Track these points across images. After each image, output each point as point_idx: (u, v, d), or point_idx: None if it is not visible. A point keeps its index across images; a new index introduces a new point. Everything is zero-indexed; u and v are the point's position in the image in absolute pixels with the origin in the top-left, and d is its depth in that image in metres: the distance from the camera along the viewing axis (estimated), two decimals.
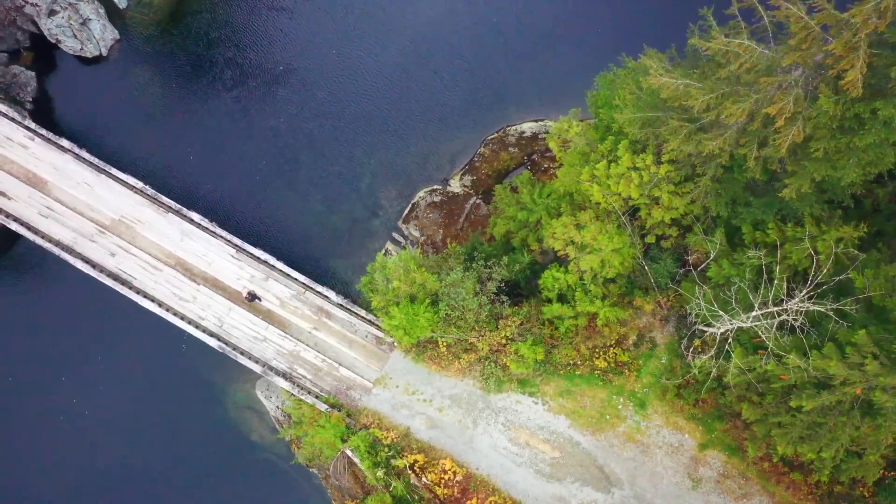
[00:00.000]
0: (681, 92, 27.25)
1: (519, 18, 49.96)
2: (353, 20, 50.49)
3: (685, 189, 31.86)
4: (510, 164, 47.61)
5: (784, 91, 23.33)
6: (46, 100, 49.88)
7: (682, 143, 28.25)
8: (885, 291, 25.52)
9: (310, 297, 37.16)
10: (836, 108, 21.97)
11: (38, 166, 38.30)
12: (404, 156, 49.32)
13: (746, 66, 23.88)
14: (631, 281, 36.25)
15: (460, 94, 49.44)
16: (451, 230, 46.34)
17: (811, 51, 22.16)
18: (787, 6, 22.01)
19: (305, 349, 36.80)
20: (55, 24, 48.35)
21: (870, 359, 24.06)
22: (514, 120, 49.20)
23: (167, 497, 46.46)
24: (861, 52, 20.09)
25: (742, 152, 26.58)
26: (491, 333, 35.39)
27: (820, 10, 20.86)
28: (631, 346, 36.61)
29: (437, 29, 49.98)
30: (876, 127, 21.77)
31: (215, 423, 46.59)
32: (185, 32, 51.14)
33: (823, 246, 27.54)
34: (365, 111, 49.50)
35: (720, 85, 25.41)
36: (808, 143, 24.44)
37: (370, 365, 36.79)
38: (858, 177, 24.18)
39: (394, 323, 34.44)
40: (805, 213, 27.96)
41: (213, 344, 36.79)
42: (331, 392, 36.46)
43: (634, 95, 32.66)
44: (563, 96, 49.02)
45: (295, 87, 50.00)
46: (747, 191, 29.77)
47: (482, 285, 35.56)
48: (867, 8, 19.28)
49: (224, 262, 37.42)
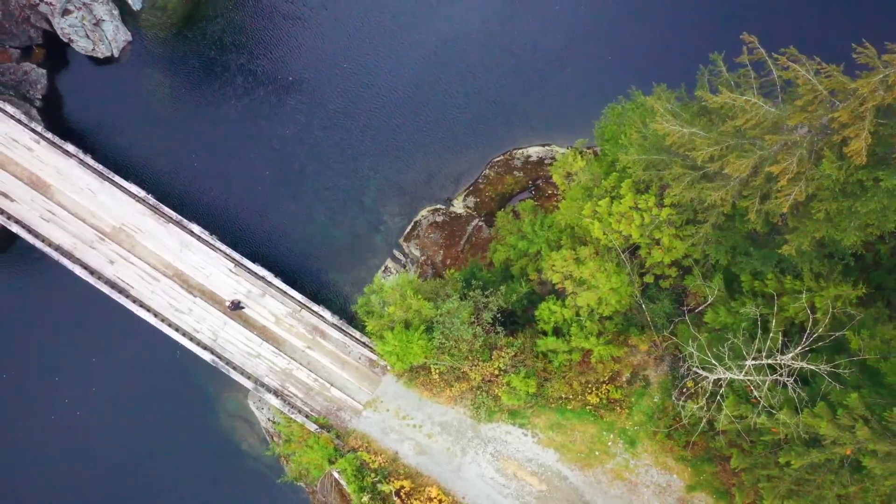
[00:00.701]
0: (686, 140, 27.13)
1: (533, 41, 49.79)
2: (367, 34, 50.38)
3: (686, 232, 31.69)
4: (514, 187, 47.47)
5: (788, 150, 23.16)
6: (55, 98, 50.00)
7: (685, 189, 28.11)
8: (881, 354, 25.32)
9: (305, 315, 37.12)
10: (839, 172, 21.81)
11: (42, 169, 38.36)
12: (409, 172, 49.26)
13: (752, 122, 23.72)
14: (628, 318, 36.11)
15: (469, 113, 49.34)
16: (451, 251, 46.24)
17: (817, 113, 22.00)
18: (796, 68, 21.84)
19: (298, 368, 36.76)
20: (68, 24, 48.45)
21: (860, 423, 23.88)
22: (521, 143, 49.06)
23: (153, 500, 46.60)
24: (867, 122, 19.93)
25: (744, 205, 26.43)
26: (484, 364, 35.29)
27: (828, 76, 20.67)
28: (624, 383, 36.47)
29: (450, 48, 49.87)
30: (878, 195, 21.59)
31: (206, 430, 46.66)
32: (198, 37, 51.17)
33: (821, 302, 27.36)
34: (373, 125, 49.45)
35: (725, 138, 25.25)
36: (810, 203, 24.28)
37: (362, 387, 36.73)
38: (859, 239, 23.99)
39: (387, 348, 34.38)
40: (804, 267, 27.76)
41: (206, 357, 36.79)
42: (321, 412, 36.41)
43: (640, 135, 32.54)
44: (572, 122, 49.00)
45: (305, 97, 49.94)
46: (748, 240, 29.60)
47: (478, 315, 35.46)
48: (874, 80, 19.12)
49: (222, 276, 37.41)
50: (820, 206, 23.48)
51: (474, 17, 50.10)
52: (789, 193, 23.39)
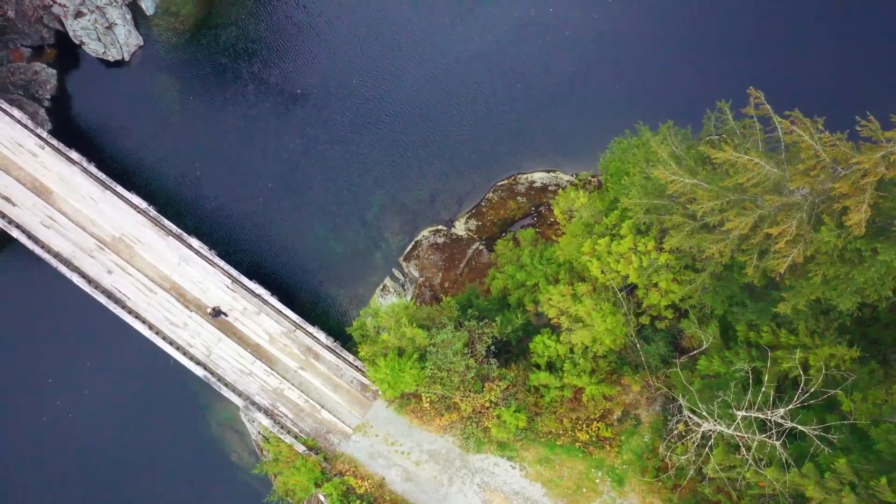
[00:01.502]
0: (687, 189, 27.01)
1: (545, 64, 49.61)
2: (381, 51, 50.23)
3: (684, 277, 31.54)
4: (517, 213, 47.33)
5: (788, 212, 23.01)
6: (64, 99, 50.14)
7: (684, 239, 27.99)
8: (872, 418, 25.12)
9: (300, 335, 37.09)
10: (837, 240, 21.64)
11: (45, 175, 38.44)
12: (413, 190, 49.19)
13: (754, 180, 23.57)
14: (622, 357, 35.97)
15: (475, 134, 49.20)
16: (450, 274, 46.16)
17: (819, 178, 21.84)
18: (799, 133, 21.68)
19: (290, 388, 36.73)
20: (80, 26, 48.57)
21: (847, 489, 23.70)
22: (526, 168, 48.93)
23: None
24: (867, 196, 19.77)
25: (742, 259, 26.29)
26: (475, 395, 35.20)
27: (832, 146, 20.51)
28: (615, 421, 36.33)
29: (461, 67, 49.74)
30: (876, 265, 21.42)
31: (196, 439, 46.75)
32: (210, 44, 51.19)
33: (815, 360, 27.17)
34: (380, 141, 49.38)
35: (726, 192, 25.11)
36: (807, 264, 24.12)
37: (352, 411, 36.69)
38: (855, 304, 23.82)
39: (379, 375, 34.33)
40: (799, 324, 27.59)
41: (198, 373, 36.80)
42: (310, 434, 36.38)
43: (643, 176, 32.43)
44: (578, 149, 48.90)
45: (314, 110, 49.88)
46: (745, 291, 29.43)
47: (472, 346, 35.37)
48: (876, 156, 18.95)
49: (219, 292, 37.41)
50: (817, 270, 23.31)
51: (488, 38, 49.98)
52: (787, 255, 23.23)
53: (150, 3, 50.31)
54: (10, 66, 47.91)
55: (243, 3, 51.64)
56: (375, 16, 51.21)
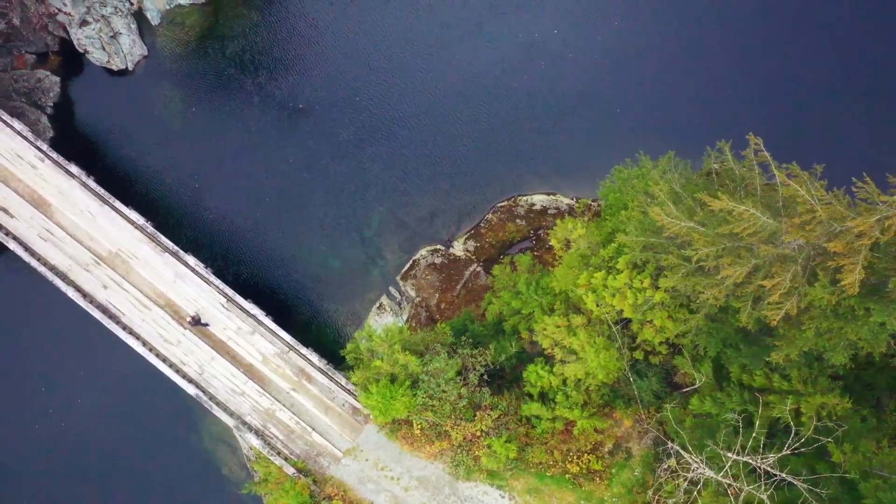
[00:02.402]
0: (683, 233, 26.91)
1: (548, 87, 49.45)
2: (386, 67, 50.06)
3: (679, 315, 31.43)
4: (516, 235, 47.22)
5: (783, 265, 22.89)
6: (67, 107, 50.19)
7: (680, 280, 27.87)
8: (862, 471, 24.99)
9: (293, 357, 37.05)
10: (831, 297, 21.51)
11: (44, 188, 38.45)
12: (413, 208, 49.07)
13: (750, 230, 23.44)
14: (614, 390, 35.86)
15: (477, 154, 49.06)
16: (446, 296, 46.08)
17: (815, 233, 21.72)
18: (796, 187, 21.57)
19: (281, 409, 36.70)
20: (85, 35, 48.61)
21: None
22: (526, 189, 48.80)
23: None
24: (861, 257, 19.64)
25: (736, 305, 26.18)
26: (466, 424, 35.13)
27: (828, 204, 20.39)
28: (606, 453, 36.22)
29: (464, 87, 49.61)
30: (869, 324, 21.29)
31: (188, 450, 46.74)
32: (214, 55, 51.15)
33: (807, 408, 27.05)
34: (382, 157, 49.24)
35: (722, 239, 24.99)
36: (801, 315, 23.99)
37: (343, 434, 36.64)
38: (847, 358, 23.69)
39: (370, 402, 34.28)
40: (792, 372, 27.46)
41: (190, 391, 36.78)
42: (300, 456, 36.34)
43: (640, 210, 32.34)
44: (579, 173, 48.75)
45: (317, 124, 49.74)
46: (739, 333, 29.29)
47: (465, 374, 35.29)
48: (871, 220, 18.83)
49: (213, 311, 37.39)
50: (811, 324, 23.19)
51: (492, 58, 49.85)
52: (781, 307, 23.11)
53: (156, 13, 50.32)
54: (13, 73, 47.97)
55: (248, 15, 51.64)
56: (382, 32, 51.12)
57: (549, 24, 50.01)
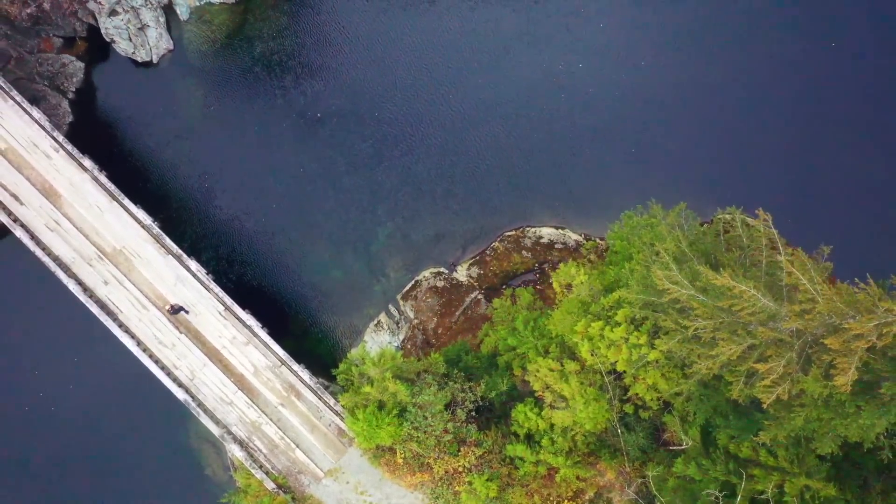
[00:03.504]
0: (684, 298, 26.71)
1: (568, 120, 49.21)
2: (413, 84, 50.00)
3: (672, 375, 31.24)
4: (520, 267, 47.05)
5: (778, 350, 22.66)
6: (89, 93, 50.49)
7: (676, 345, 27.68)
8: None
9: (284, 372, 37.09)
10: (823, 390, 21.26)
11: (56, 179, 38.66)
12: (421, 227, 48.97)
13: (749, 310, 23.22)
14: (601, 440, 35.64)
15: (491, 180, 48.91)
16: (445, 321, 45.98)
17: (813, 323, 21.47)
18: (798, 275, 21.32)
19: (267, 423, 36.75)
20: (113, 25, 48.84)
21: None
22: (535, 221, 48.60)
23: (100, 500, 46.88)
24: (856, 358, 19.38)
25: (729, 378, 25.96)
26: (450, 458, 35.03)
27: (829, 301, 20.14)
28: (587, 501, 36.01)
29: (487, 111, 49.51)
30: (858, 421, 21.03)
31: (173, 446, 46.96)
32: (238, 56, 51.29)
33: (791, 487, 26.75)
34: (396, 172, 49.19)
35: (720, 313, 24.78)
36: (792, 400, 23.74)
37: (326, 454, 36.64)
38: (835, 448, 23.42)
39: (356, 427, 34.26)
40: (780, 450, 27.19)
41: (179, 396, 36.89)
42: (282, 472, 36.37)
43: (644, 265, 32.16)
44: (590, 210, 48.53)
45: (337, 132, 49.72)
46: (730, 404, 29.02)
47: (453, 409, 35.18)
48: (869, 325, 18.58)
49: (210, 317, 37.48)
50: (800, 411, 22.93)
51: (515, 86, 49.75)
52: (772, 391, 22.87)
53: (185, 8, 50.48)
54: (39, 56, 48.28)
55: (277, 19, 51.70)
56: (411, 47, 50.96)
57: (575, 56, 49.79)
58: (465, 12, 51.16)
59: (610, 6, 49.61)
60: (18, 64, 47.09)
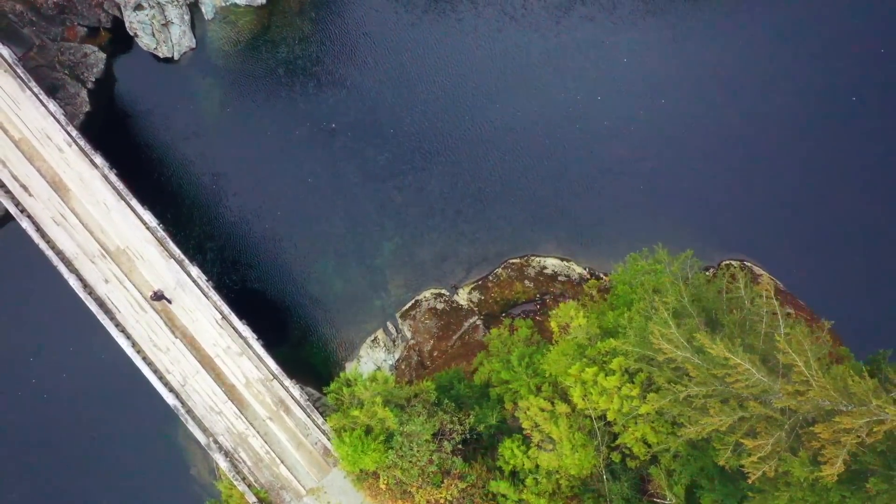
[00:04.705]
0: (679, 360, 26.50)
1: (581, 151, 49.08)
2: (435, 101, 49.88)
3: (662, 429, 31.01)
4: (521, 296, 46.89)
5: (768, 427, 22.40)
6: (108, 84, 50.67)
7: (667, 405, 27.46)
8: None
9: (276, 386, 37.07)
10: (809, 476, 21.01)
11: (66, 172, 38.77)
12: (427, 246, 48.89)
13: (742, 383, 22.98)
14: (585, 484, 35.41)
15: (500, 205, 48.83)
16: (441, 344, 45.86)
17: (805, 406, 21.22)
18: (795, 359, 21.06)
19: (254, 436, 36.73)
20: (137, 19, 48.95)
21: None
22: (541, 250, 48.47)
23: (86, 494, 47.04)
24: (844, 451, 19.12)
25: (717, 446, 25.72)
26: (432, 489, 34.90)
27: (823, 388, 19.88)
28: None
29: (503, 135, 49.41)
30: None
31: (161, 442, 47.13)
32: (260, 60, 51.36)
33: None
34: (409, 188, 49.15)
35: (713, 381, 24.54)
36: (778, 477, 23.48)
37: (310, 472, 36.60)
38: None
39: (341, 451, 34.19)
40: None
41: (169, 401, 36.93)
42: (264, 485, 36.36)
43: (643, 316, 31.95)
44: (597, 244, 48.41)
45: (355, 142, 49.66)
46: (716, 467, 28.75)
47: (440, 440, 35.05)
48: (860, 422, 18.33)
49: (207, 325, 37.50)
50: (785, 490, 22.68)
51: (530, 113, 49.59)
52: (759, 467, 22.62)
53: (211, 7, 50.56)
54: (61, 45, 48.45)
55: (302, 26, 51.72)
56: (436, 64, 50.79)
57: (595, 88, 49.61)
58: (493, 33, 51.05)
59: (638, 43, 49.35)
60: (40, 51, 47.30)
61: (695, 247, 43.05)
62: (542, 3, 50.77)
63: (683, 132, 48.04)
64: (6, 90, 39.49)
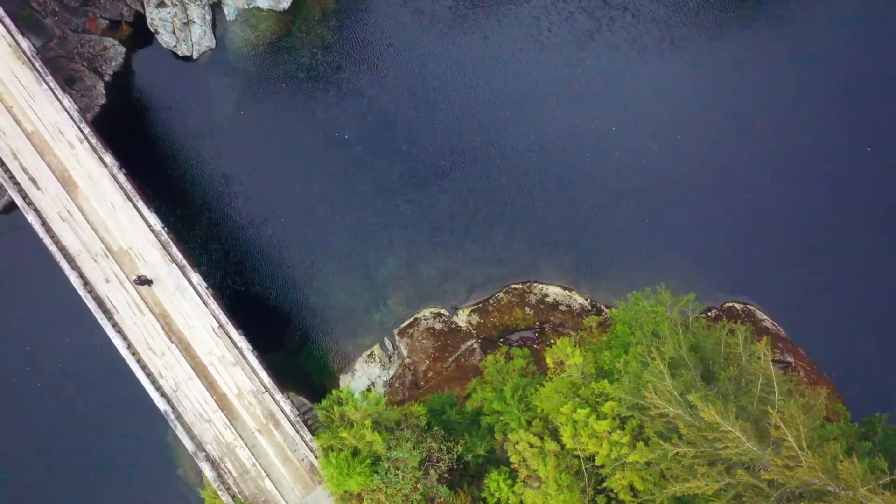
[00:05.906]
0: (671, 414, 26.26)
1: (592, 181, 48.83)
2: (453, 120, 49.72)
3: (649, 478, 30.75)
4: (521, 323, 46.65)
5: (755, 497, 22.15)
6: (126, 78, 50.78)
7: (656, 458, 27.24)
8: None
9: (267, 399, 37.02)
10: None
11: (75, 169, 38.84)
12: (431, 263, 48.72)
13: (731, 450, 22.75)
14: None
15: (509, 228, 48.61)
16: (437, 365, 45.70)
17: (793, 483, 20.97)
18: (785, 432, 20.80)
19: (242, 447, 36.70)
20: (159, 17, 49.00)
21: None
22: (544, 277, 48.23)
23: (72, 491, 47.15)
24: None
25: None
26: None
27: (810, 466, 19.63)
28: None
29: (519, 159, 49.31)
30: None
31: (150, 439, 47.22)
32: (279, 65, 51.34)
33: None
34: (419, 204, 48.98)
35: (703, 442, 24.31)
36: None
37: (295, 488, 36.54)
38: None
39: (327, 471, 34.11)
40: None
41: (160, 406, 36.94)
42: (248, 498, 36.32)
43: (640, 361, 31.73)
44: (599, 275, 48.13)
45: (367, 155, 49.63)
46: None
47: (426, 468, 34.90)
48: None
49: (203, 332, 37.49)
50: None
51: (543, 139, 49.34)
52: None
53: (233, 9, 50.57)
54: (81, 36, 48.57)
55: (322, 34, 51.63)
56: (459, 83, 50.56)
57: (611, 118, 49.32)
58: (517, 53, 50.80)
59: (660, 77, 49.02)
60: (60, 42, 47.41)
61: (698, 285, 42.93)
62: (569, 27, 50.45)
63: (696, 170, 47.71)
64: (23, 82, 39.60)
